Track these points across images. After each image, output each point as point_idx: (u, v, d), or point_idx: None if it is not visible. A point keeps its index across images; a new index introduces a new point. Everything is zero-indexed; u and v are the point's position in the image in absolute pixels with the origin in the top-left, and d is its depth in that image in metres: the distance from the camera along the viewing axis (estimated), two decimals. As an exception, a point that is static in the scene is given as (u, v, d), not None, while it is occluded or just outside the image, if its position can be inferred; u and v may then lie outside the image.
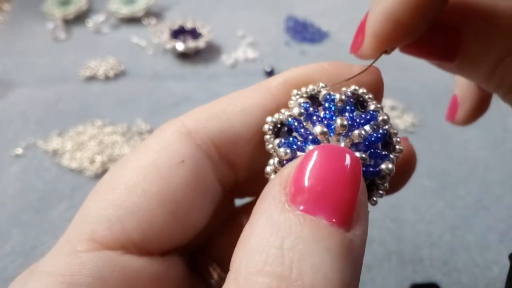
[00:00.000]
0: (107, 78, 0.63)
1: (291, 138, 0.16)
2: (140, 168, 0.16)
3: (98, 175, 0.49)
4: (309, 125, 0.16)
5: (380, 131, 0.16)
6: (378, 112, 0.16)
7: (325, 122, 0.16)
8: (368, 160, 0.15)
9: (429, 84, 0.62)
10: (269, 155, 0.17)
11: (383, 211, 0.45)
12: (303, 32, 0.72)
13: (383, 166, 0.16)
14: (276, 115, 0.17)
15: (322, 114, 0.16)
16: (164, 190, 0.16)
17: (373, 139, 0.16)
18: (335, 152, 0.13)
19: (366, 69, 0.18)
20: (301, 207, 0.12)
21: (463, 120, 0.29)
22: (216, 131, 0.17)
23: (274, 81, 0.18)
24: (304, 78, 0.18)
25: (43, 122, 0.56)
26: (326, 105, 0.16)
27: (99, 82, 0.62)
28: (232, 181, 0.19)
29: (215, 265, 0.21)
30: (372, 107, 0.17)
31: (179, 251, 0.18)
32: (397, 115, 0.57)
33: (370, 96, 0.17)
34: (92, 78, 0.63)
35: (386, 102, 0.59)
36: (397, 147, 0.16)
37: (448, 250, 0.42)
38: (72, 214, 0.17)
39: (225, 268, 0.21)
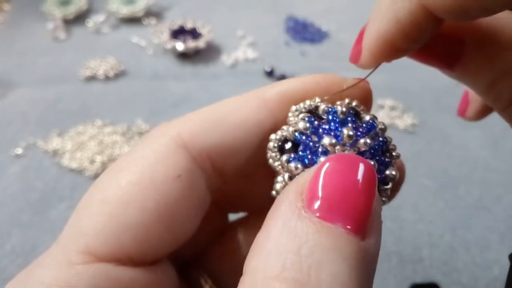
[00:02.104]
0: (107, 78, 0.63)
1: (301, 153, 0.16)
2: (136, 182, 0.16)
3: (98, 175, 0.49)
4: (314, 139, 0.16)
5: (380, 139, 0.17)
6: (375, 121, 0.17)
7: (332, 133, 0.16)
8: (376, 167, 0.16)
9: (429, 84, 0.62)
10: (272, 173, 0.17)
11: (383, 211, 0.45)
12: (303, 32, 0.72)
13: (387, 172, 0.16)
14: (279, 132, 0.17)
15: (327, 126, 0.16)
16: (160, 205, 0.16)
17: (376, 147, 0.16)
18: (350, 161, 0.13)
19: (359, 82, 0.18)
20: (318, 214, 0.12)
21: (474, 116, 0.29)
22: (213, 145, 0.17)
23: (269, 91, 0.18)
24: (299, 92, 0.18)
25: (43, 122, 0.56)
26: (330, 117, 0.16)
27: (99, 82, 0.62)
28: (218, 187, 0.19)
29: (206, 276, 0.21)
30: (367, 117, 0.17)
31: (169, 258, 0.18)
32: (397, 115, 0.57)
33: (362, 108, 0.18)
34: (92, 78, 0.63)
35: (386, 102, 0.59)
36: (393, 153, 0.17)
37: (448, 250, 0.42)
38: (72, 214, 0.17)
39: (216, 280, 0.21)
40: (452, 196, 0.47)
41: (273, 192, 0.17)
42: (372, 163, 0.16)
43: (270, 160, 0.17)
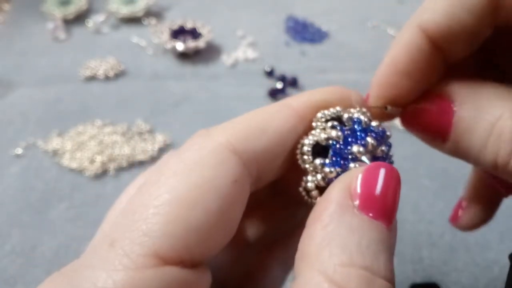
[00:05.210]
0: (107, 78, 0.63)
1: (333, 158, 0.18)
2: (200, 185, 0.16)
3: (98, 175, 0.49)
4: (342, 145, 0.19)
5: (389, 143, 0.20)
6: (385, 129, 0.20)
7: (358, 142, 0.18)
8: None
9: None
10: (302, 172, 0.19)
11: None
12: (303, 32, 0.72)
13: None
14: (311, 137, 0.19)
15: (353, 134, 0.19)
16: (222, 209, 0.16)
17: (386, 152, 0.19)
18: (382, 167, 0.16)
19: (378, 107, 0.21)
20: (364, 212, 0.15)
21: (468, 225, 0.30)
22: (261, 151, 0.18)
23: (297, 100, 0.20)
24: (321, 101, 0.20)
25: (43, 122, 0.56)
26: (356, 127, 0.19)
27: (99, 82, 0.62)
28: (253, 191, 0.20)
29: None
30: (374, 123, 0.19)
31: None
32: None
33: (369, 114, 0.20)
34: (92, 78, 0.63)
35: (386, 102, 0.59)
36: (390, 153, 0.20)
37: (448, 250, 0.42)
38: (72, 214, 0.17)
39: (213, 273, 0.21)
40: (452, 196, 0.47)
41: (301, 188, 0.19)
42: None
43: (300, 161, 0.19)
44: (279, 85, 0.61)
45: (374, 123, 0.19)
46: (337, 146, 0.18)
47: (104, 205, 0.46)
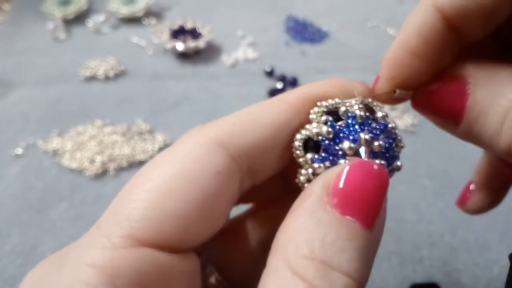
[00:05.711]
0: (107, 78, 0.63)
1: (323, 154, 0.18)
2: (180, 175, 0.17)
3: (98, 175, 0.49)
4: (335, 140, 0.18)
5: (392, 137, 0.19)
6: (387, 120, 0.19)
7: (351, 137, 0.18)
8: (386, 165, 0.18)
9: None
10: (296, 165, 0.19)
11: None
12: (303, 32, 0.72)
13: (394, 164, 0.19)
14: (303, 132, 0.19)
15: (346, 130, 0.18)
16: (201, 198, 0.17)
17: (387, 145, 0.19)
18: (367, 166, 0.16)
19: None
20: (339, 210, 0.15)
21: (475, 209, 0.29)
22: (250, 145, 0.18)
23: (293, 94, 0.20)
24: (319, 93, 0.20)
25: (43, 122, 0.56)
26: (349, 121, 0.18)
27: (99, 82, 0.62)
28: (249, 188, 0.20)
29: (212, 267, 0.22)
30: (380, 114, 0.19)
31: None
32: (397, 115, 0.57)
33: (375, 104, 0.20)
34: (92, 78, 0.63)
35: (386, 102, 0.59)
36: (399, 144, 0.19)
37: (448, 250, 0.42)
38: (72, 214, 0.17)
39: (219, 270, 0.22)
40: (452, 196, 0.47)
41: (297, 180, 0.19)
42: (383, 162, 0.18)
43: (295, 155, 0.19)
44: (279, 85, 0.61)
45: (379, 114, 0.19)
46: (326, 142, 0.18)
47: (104, 205, 0.46)
